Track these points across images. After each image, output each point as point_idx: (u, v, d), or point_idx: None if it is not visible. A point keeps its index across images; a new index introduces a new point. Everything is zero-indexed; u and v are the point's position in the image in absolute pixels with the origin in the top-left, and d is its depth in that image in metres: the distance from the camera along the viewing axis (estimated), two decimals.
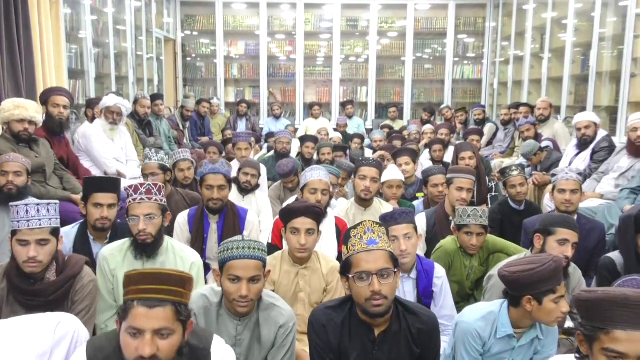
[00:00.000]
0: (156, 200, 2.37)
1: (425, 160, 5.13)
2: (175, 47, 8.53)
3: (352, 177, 3.54)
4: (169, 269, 1.55)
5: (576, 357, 1.48)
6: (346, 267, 1.76)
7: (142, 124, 5.36)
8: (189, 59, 8.94)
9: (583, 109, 5.38)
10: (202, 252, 3.08)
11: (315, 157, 5.23)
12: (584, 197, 4.08)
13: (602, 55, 5.32)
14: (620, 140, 4.62)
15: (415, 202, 3.90)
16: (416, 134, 6.34)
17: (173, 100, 8.45)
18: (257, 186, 3.89)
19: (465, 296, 2.89)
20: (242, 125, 7.82)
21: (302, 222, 2.41)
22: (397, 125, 7.88)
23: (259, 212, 3.76)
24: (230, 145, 5.38)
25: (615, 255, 2.44)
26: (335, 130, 7.38)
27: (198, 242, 3.05)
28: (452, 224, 3.23)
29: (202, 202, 3.11)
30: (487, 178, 4.46)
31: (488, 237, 2.85)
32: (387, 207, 3.40)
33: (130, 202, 2.35)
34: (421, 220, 3.31)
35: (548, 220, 2.42)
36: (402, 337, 1.79)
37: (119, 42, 6.29)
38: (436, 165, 4.53)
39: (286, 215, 2.49)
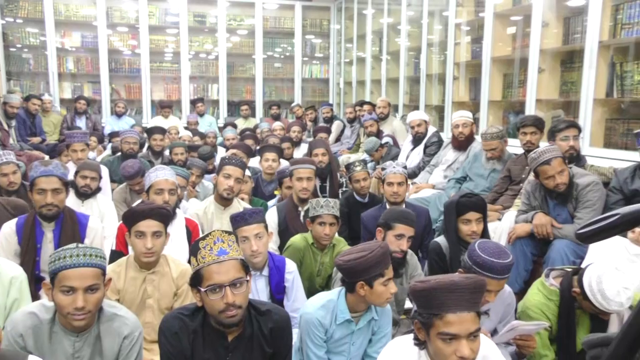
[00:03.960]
0: None
1: None
2: None
3: (215, 175, 3.48)
4: None
5: (415, 343, 1.60)
6: (197, 279, 1.70)
7: None
8: (12, 49, 7.92)
9: (416, 107, 5.92)
10: (35, 265, 2.78)
11: (167, 155, 5.04)
12: (419, 187, 4.52)
13: (431, 59, 5.90)
14: (447, 135, 5.17)
15: (272, 202, 3.96)
16: (267, 132, 6.42)
17: None
18: (98, 189, 3.63)
19: (315, 292, 2.99)
20: (81, 124, 7.18)
21: (148, 225, 2.30)
22: (250, 123, 7.90)
23: (102, 218, 3.51)
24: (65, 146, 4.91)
25: (441, 240, 2.73)
26: (186, 128, 7.17)
27: (29, 253, 2.74)
28: (301, 215, 3.35)
29: (34, 209, 2.80)
30: (338, 174, 4.70)
31: (339, 239, 2.99)
32: (246, 206, 3.40)
33: None
34: (273, 214, 3.38)
35: (389, 215, 2.61)
36: (255, 340, 1.80)
37: None
38: (287, 166, 4.63)
39: (130, 219, 2.35)
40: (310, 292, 2.93)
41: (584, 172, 3.05)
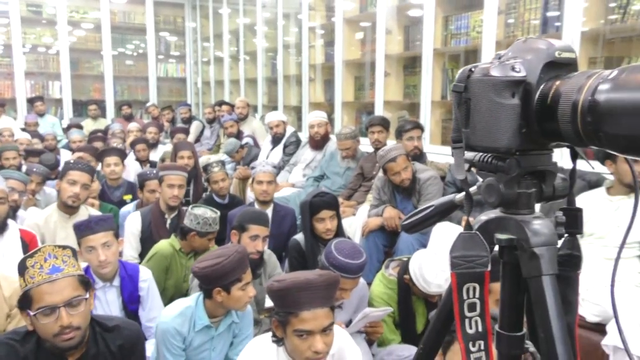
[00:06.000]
0: None
1: (131, 161, 4.92)
2: None
3: (58, 181, 3.15)
4: None
5: (273, 341, 1.62)
6: (25, 301, 1.53)
7: None
8: None
9: (275, 108, 6.00)
10: None
11: None
12: (279, 187, 4.59)
13: (288, 61, 6.02)
14: (305, 135, 5.32)
15: (128, 207, 3.71)
16: (120, 133, 6.03)
17: None
18: None
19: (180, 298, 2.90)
20: None
21: None
22: (100, 124, 7.35)
23: None
24: None
25: (300, 237, 2.80)
26: (23, 130, 6.43)
27: None
28: (167, 223, 3.20)
29: None
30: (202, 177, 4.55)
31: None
32: (95, 213, 3.15)
33: None
34: (136, 219, 3.19)
35: (242, 217, 2.59)
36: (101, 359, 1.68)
37: None
38: (150, 168, 4.40)
39: None
40: (177, 298, 2.82)
41: (424, 167, 3.35)
